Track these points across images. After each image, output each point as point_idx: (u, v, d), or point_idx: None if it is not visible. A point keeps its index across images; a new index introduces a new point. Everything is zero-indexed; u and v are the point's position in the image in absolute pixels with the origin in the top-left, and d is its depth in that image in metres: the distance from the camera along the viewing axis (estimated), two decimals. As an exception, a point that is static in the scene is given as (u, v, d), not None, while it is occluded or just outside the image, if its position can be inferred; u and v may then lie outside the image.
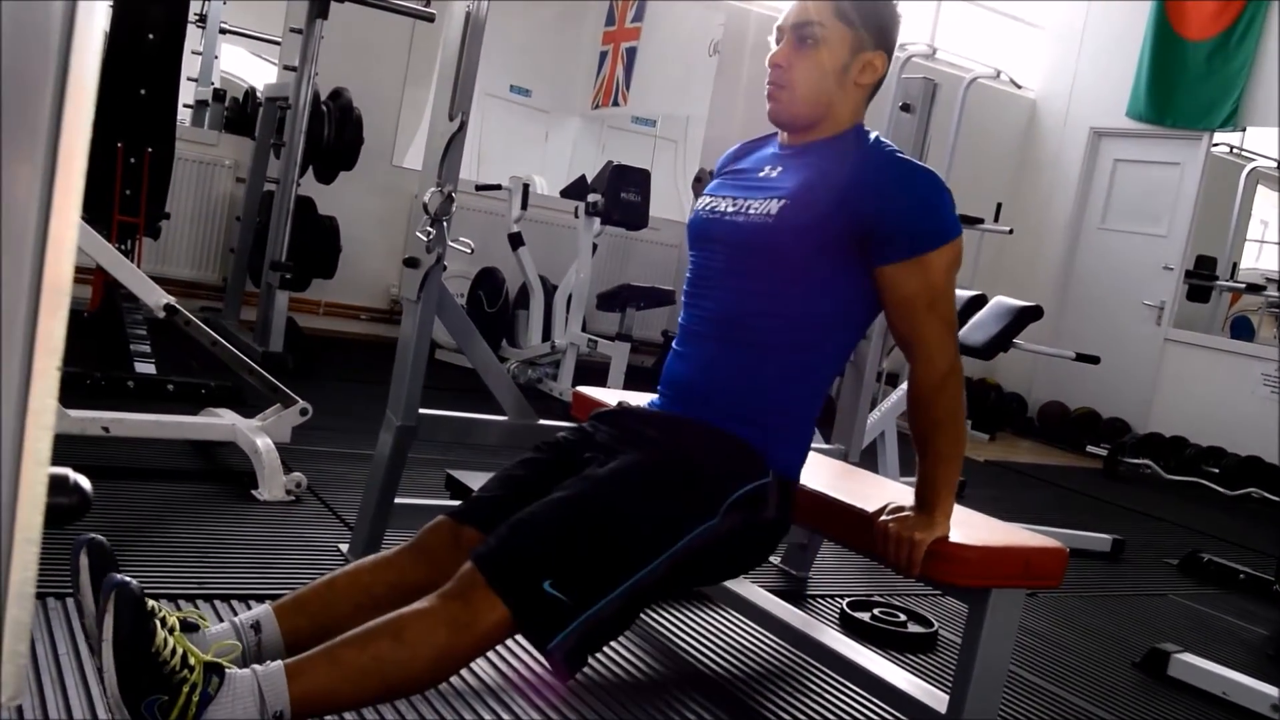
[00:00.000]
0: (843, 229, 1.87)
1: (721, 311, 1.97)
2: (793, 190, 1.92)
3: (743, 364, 1.94)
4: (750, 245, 1.93)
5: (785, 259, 1.91)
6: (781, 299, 1.92)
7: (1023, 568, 1.94)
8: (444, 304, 2.82)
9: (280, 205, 5.36)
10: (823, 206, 1.88)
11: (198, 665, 1.58)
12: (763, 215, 1.92)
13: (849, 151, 1.95)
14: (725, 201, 2.02)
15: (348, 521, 3.09)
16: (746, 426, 1.91)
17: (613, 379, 5.50)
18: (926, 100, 3.51)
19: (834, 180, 1.90)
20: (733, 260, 1.96)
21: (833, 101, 1.97)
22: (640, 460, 1.84)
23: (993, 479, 6.00)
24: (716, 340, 1.97)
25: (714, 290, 2.00)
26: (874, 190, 1.87)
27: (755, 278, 1.94)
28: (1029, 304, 4.94)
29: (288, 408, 3.50)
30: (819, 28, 1.95)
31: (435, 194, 2.68)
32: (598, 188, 6.03)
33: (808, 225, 1.88)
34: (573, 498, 1.77)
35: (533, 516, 1.74)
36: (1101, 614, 3.72)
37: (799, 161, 1.98)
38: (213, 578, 2.54)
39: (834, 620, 3.09)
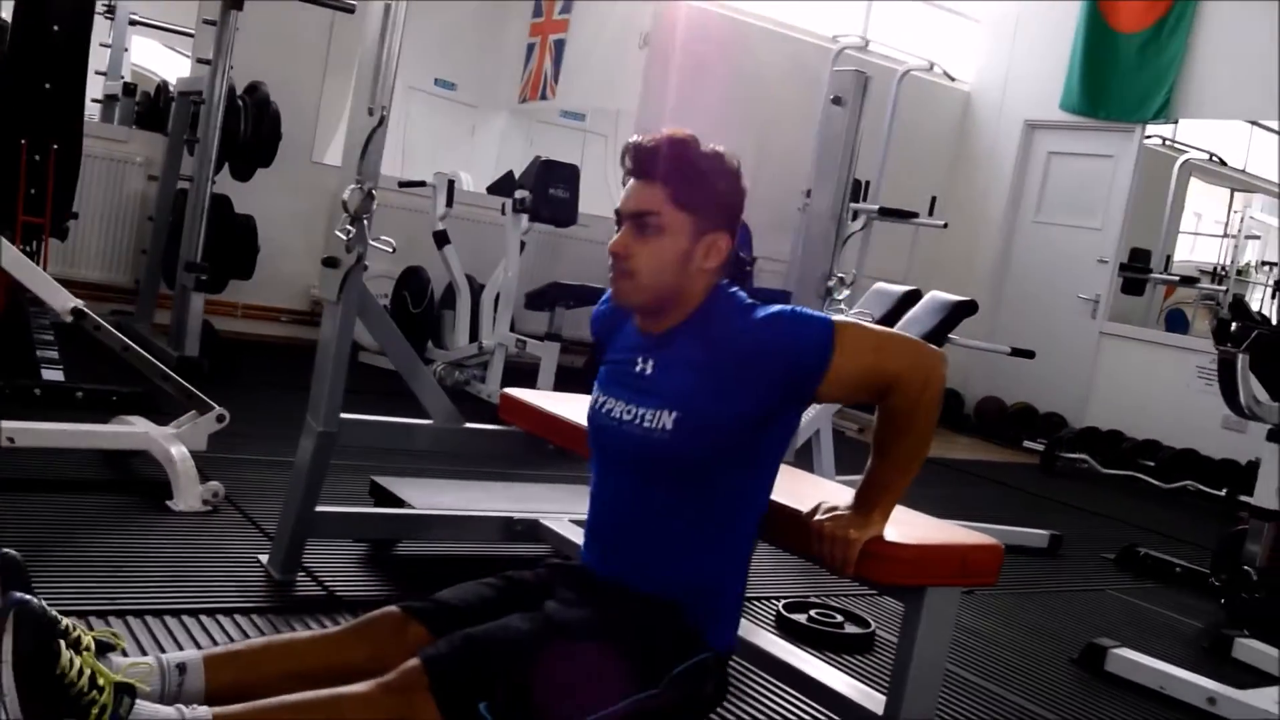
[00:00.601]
0: (742, 412, 1.87)
1: (639, 518, 1.97)
2: (679, 399, 1.90)
3: (673, 560, 1.94)
4: (650, 460, 1.93)
5: (692, 468, 1.91)
6: (699, 498, 1.92)
7: (959, 565, 1.97)
8: (366, 305, 2.80)
9: (195, 204, 5.28)
10: (715, 414, 1.87)
11: (107, 686, 1.56)
12: (658, 429, 1.90)
13: (708, 332, 1.93)
14: (617, 406, 1.99)
15: (268, 532, 3.06)
16: (690, 603, 1.92)
17: (542, 380, 5.49)
18: (858, 93, 3.55)
19: (712, 377, 1.88)
20: (638, 470, 1.96)
21: (679, 288, 1.94)
22: (596, 618, 1.86)
23: (929, 476, 6.02)
24: (641, 542, 1.98)
25: (626, 497, 2.00)
26: (752, 360, 1.85)
27: (661, 484, 1.94)
28: (964, 299, 5.00)
29: (203, 414, 3.46)
30: (656, 216, 1.90)
31: (355, 191, 2.66)
32: (525, 184, 6.01)
33: (707, 438, 1.88)
34: (531, 632, 1.78)
35: (488, 636, 1.76)
36: (1039, 610, 3.78)
37: (667, 355, 1.96)
38: (126, 593, 2.49)
39: (770, 623, 3.11)
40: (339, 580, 2.84)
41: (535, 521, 3.11)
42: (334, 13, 6.11)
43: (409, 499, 3.24)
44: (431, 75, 8.42)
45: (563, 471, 3.84)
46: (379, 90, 2.66)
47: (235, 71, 5.33)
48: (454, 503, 3.28)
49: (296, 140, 6.26)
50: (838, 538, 1.87)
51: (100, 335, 3.44)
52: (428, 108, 8.44)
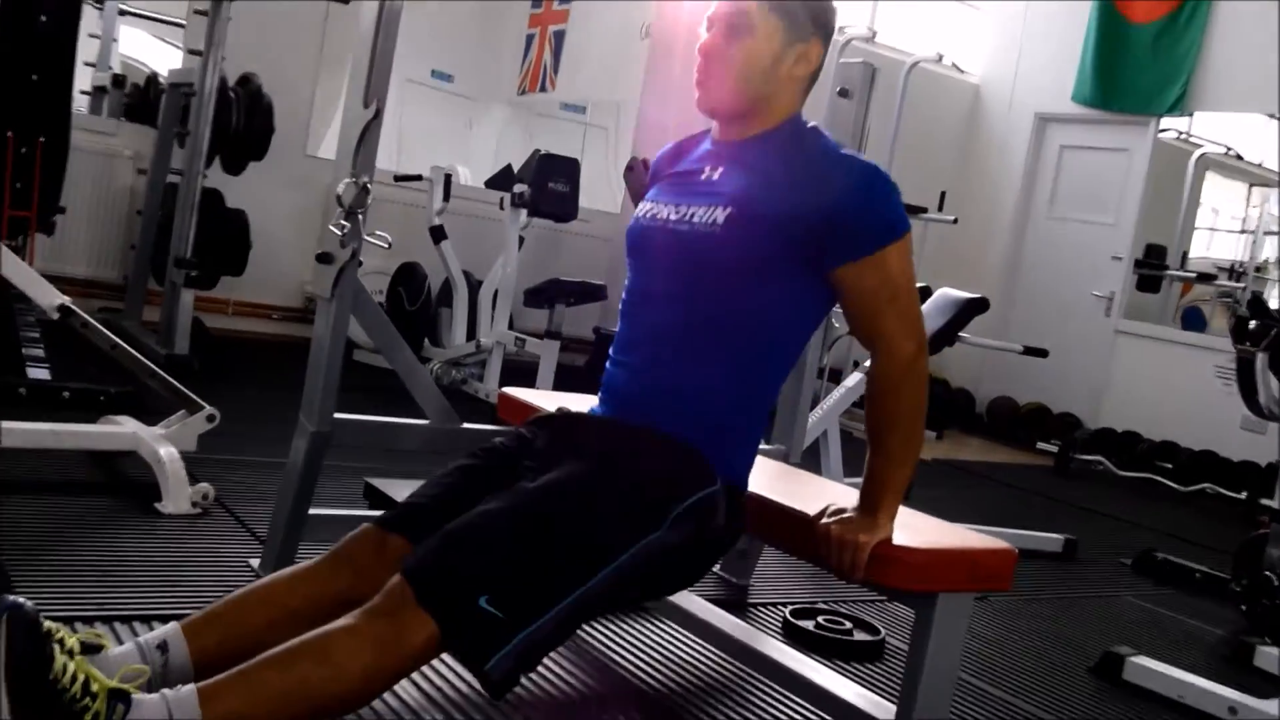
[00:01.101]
0: (792, 235, 1.87)
1: (665, 322, 1.97)
2: (737, 196, 1.91)
3: (689, 371, 1.93)
4: (695, 257, 1.93)
5: (733, 270, 1.91)
6: (728, 309, 1.92)
7: (971, 570, 1.96)
8: (360, 302, 2.79)
9: (185, 198, 5.27)
10: (769, 214, 1.88)
11: (101, 693, 1.54)
12: (707, 225, 1.91)
13: (789, 149, 1.95)
14: (667, 208, 2.00)
15: (259, 535, 3.05)
16: (693, 432, 1.90)
17: (542, 379, 5.48)
18: (866, 85, 3.53)
19: (778, 184, 1.90)
20: (676, 271, 1.96)
21: (766, 94, 1.97)
22: (582, 469, 1.83)
23: (940, 478, 6.06)
24: (660, 348, 1.97)
25: (656, 302, 1.99)
26: (822, 192, 1.87)
27: (701, 289, 1.94)
28: (975, 296, 4.99)
29: (193, 414, 3.45)
30: (751, 16, 1.95)
31: (350, 185, 2.65)
32: (524, 178, 6.00)
33: (755, 235, 1.88)
34: (510, 508, 1.75)
35: (467, 527, 1.72)
36: (1054, 617, 3.76)
37: (738, 160, 1.98)
38: (114, 598, 2.48)
39: (777, 630, 3.10)
40: (332, 585, 2.83)
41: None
42: (329, 3, 6.10)
43: (404, 501, 3.22)
44: (428, 67, 8.41)
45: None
46: (374, 82, 2.65)
47: (227, 63, 5.32)
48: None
49: (290, 133, 6.26)
50: (846, 541, 1.86)
51: (87, 333, 3.43)
52: (424, 100, 8.43)
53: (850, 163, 1.92)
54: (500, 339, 5.83)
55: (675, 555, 1.84)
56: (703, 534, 1.88)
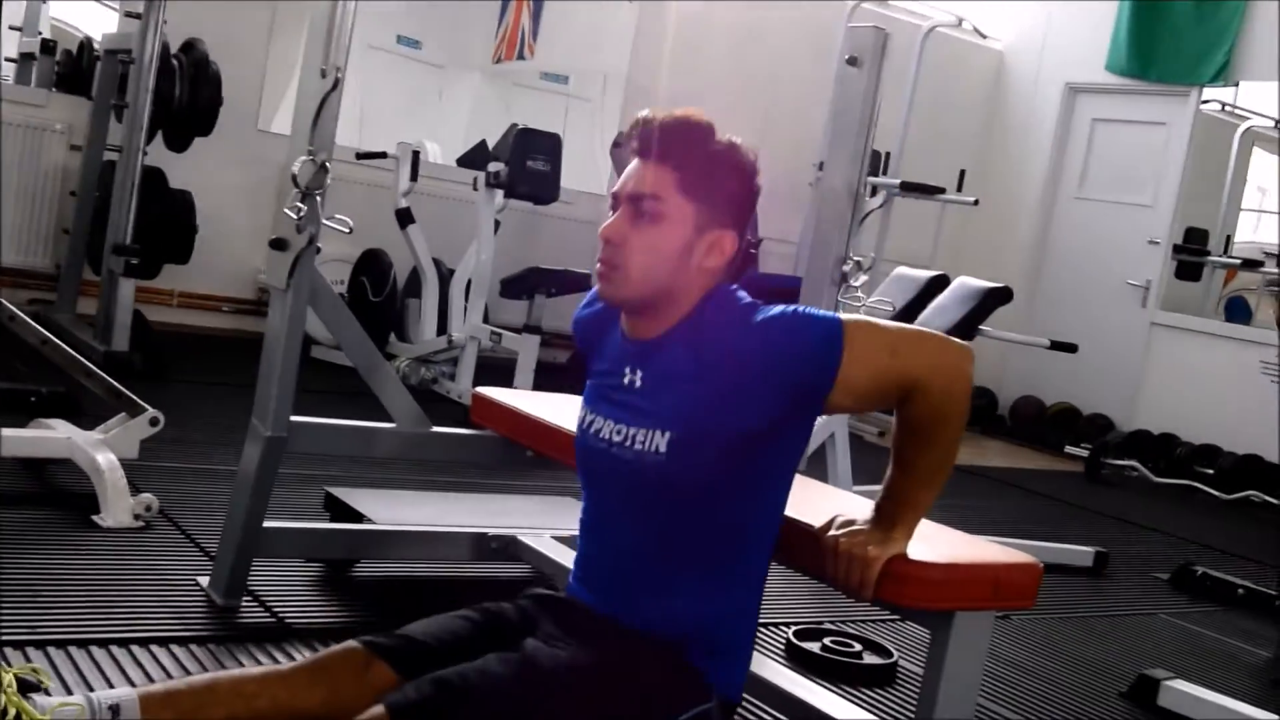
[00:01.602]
0: (744, 428, 1.86)
1: (632, 547, 1.97)
2: (672, 416, 1.89)
3: (671, 590, 1.94)
4: (649, 485, 1.92)
5: (692, 494, 1.91)
6: (698, 526, 1.92)
7: (992, 587, 1.97)
8: (319, 293, 2.79)
9: (124, 178, 5.26)
10: (712, 429, 1.87)
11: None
12: (652, 453, 1.89)
13: (700, 340, 1.92)
14: (606, 426, 1.98)
15: (208, 550, 3.05)
16: (688, 645, 1.92)
17: (520, 378, 5.48)
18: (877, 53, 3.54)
19: (705, 390, 1.88)
20: (631, 498, 1.96)
21: (672, 287, 1.93)
22: (585, 660, 1.85)
23: (958, 486, 6.03)
24: (634, 571, 1.98)
25: (618, 526, 2.00)
26: (752, 371, 1.85)
27: (660, 512, 1.94)
28: (996, 285, 5.01)
29: (134, 417, 3.45)
30: (657, 202, 1.90)
31: (306, 164, 2.66)
32: (500, 155, 6.00)
33: (705, 456, 1.87)
34: (510, 676, 1.78)
35: (462, 679, 1.75)
36: (1083, 637, 3.78)
37: (654, 364, 1.95)
38: (48, 620, 2.48)
39: (779, 652, 3.11)
40: (289, 605, 2.84)
41: (512, 538, 3.10)
42: (282, -39, 6.10)
43: (369, 513, 3.23)
44: (393, 32, 8.39)
45: (543, 481, 3.84)
46: (333, 49, 2.66)
47: (169, 27, 5.31)
48: (420, 517, 3.28)
49: (239, 106, 6.24)
50: (855, 556, 1.87)
51: (15, 327, 3.43)
52: (389, 69, 8.42)
53: (767, 324, 1.88)
54: (474, 334, 5.83)
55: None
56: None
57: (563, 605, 2.05)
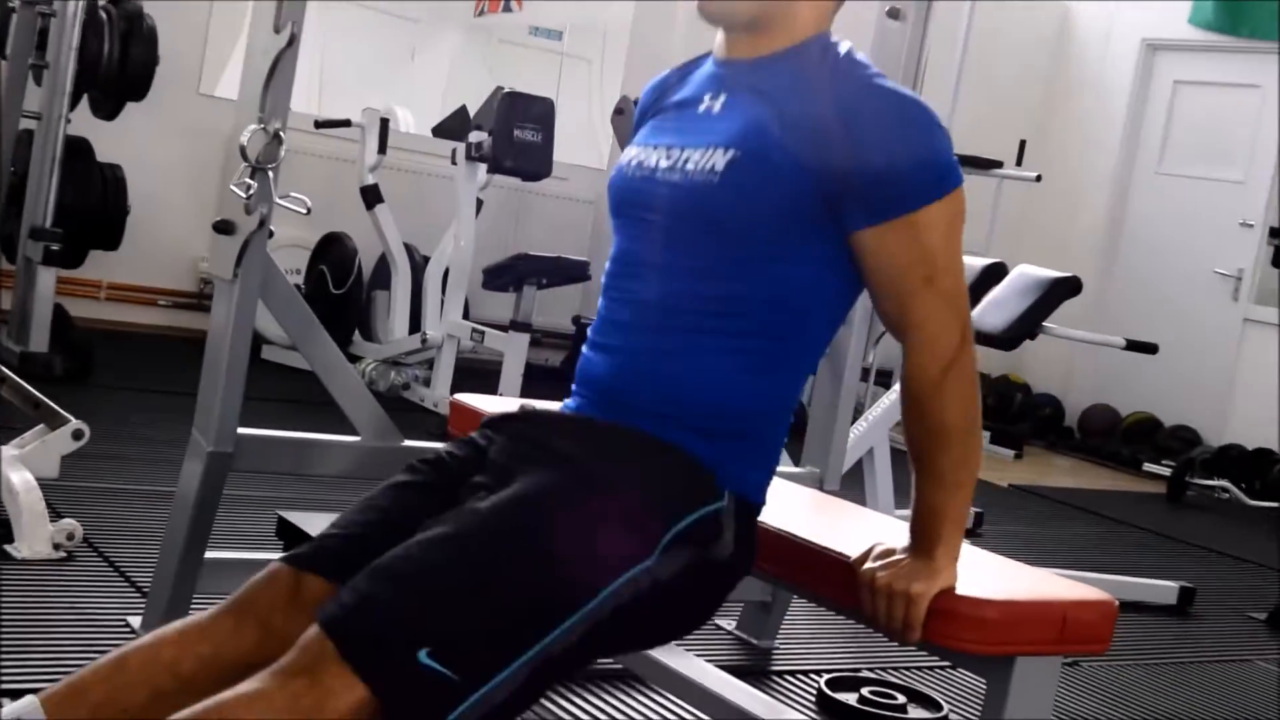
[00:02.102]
0: (808, 186, 1.88)
1: (656, 296, 1.97)
2: (742, 135, 1.92)
3: (687, 358, 1.94)
4: (690, 213, 1.93)
5: (737, 232, 1.91)
6: (733, 279, 1.93)
7: (1058, 628, 1.96)
8: (271, 284, 2.79)
9: (43, 150, 5.27)
10: (780, 158, 1.88)
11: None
12: (705, 173, 1.91)
13: (812, 73, 1.95)
14: (656, 153, 2.01)
15: (140, 585, 3.05)
16: (693, 436, 1.91)
17: (506, 382, 5.48)
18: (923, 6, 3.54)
19: (794, 118, 1.90)
20: (668, 232, 1.96)
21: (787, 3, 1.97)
22: (547, 482, 1.83)
23: (1019, 509, 6.07)
24: (651, 330, 1.97)
25: (645, 271, 2.00)
26: (846, 131, 1.87)
27: (698, 254, 1.94)
28: (1063, 275, 5.00)
29: (55, 430, 3.44)
30: None
31: (257, 133, 2.66)
32: (483, 123, 6.00)
33: (762, 186, 1.88)
34: (455, 535, 1.75)
35: (401, 561, 1.72)
36: (1165, 688, 3.78)
37: (748, 87, 1.98)
38: (-48, 666, 2.49)
39: (809, 704, 3.11)
40: (236, 649, 2.83)
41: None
42: (228, -103, 6.11)
43: (328, 541, 3.23)
44: (358, -20, 8.42)
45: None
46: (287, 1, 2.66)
47: (97, -25, 5.32)
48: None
49: (178, 66, 6.25)
50: (897, 592, 1.86)
51: (-82, 325, 3.43)
52: (354, 23, 8.43)
53: (885, 95, 1.92)
54: (452, 331, 5.83)
55: (669, 592, 1.83)
56: (704, 564, 1.88)
57: (523, 420, 2.04)
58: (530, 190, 6.97)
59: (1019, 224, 8.80)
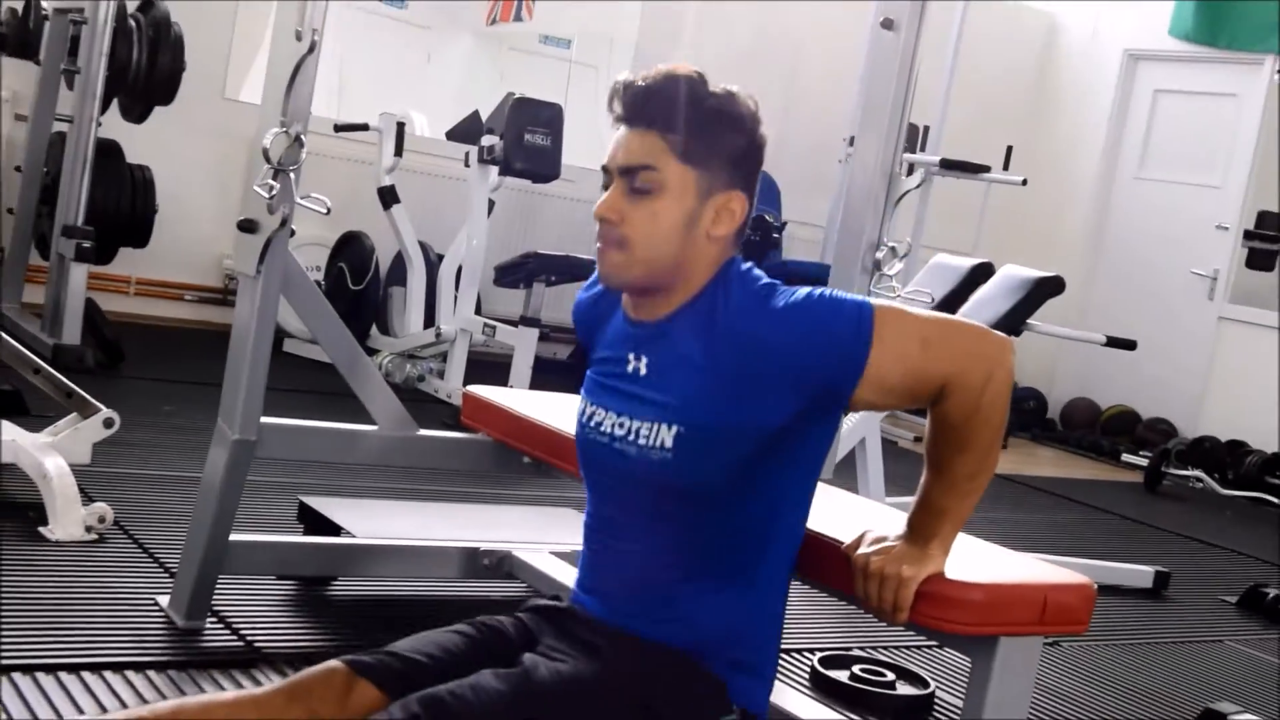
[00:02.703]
0: (760, 424, 1.87)
1: (642, 553, 1.98)
2: (680, 408, 1.90)
3: (686, 596, 1.95)
4: (651, 485, 1.93)
5: (697, 492, 1.91)
6: (708, 534, 1.93)
7: (1040, 610, 1.97)
8: (292, 280, 2.79)
9: (75, 151, 5.27)
10: (720, 420, 1.87)
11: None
12: (658, 449, 1.89)
13: (717, 323, 1.92)
14: (608, 419, 1.99)
15: (169, 566, 3.05)
16: (707, 652, 1.92)
17: (516, 375, 5.48)
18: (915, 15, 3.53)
19: (719, 379, 1.88)
20: (634, 499, 1.97)
21: (681, 262, 1.93)
22: (590, 674, 1.86)
23: (1003, 497, 6.07)
24: (646, 576, 1.98)
25: (625, 531, 2.01)
26: (773, 360, 1.85)
27: (665, 516, 1.94)
28: (1047, 274, 5.00)
29: (87, 418, 3.45)
30: (653, 172, 1.89)
31: (279, 136, 2.66)
32: (495, 128, 6.00)
33: (711, 450, 1.87)
34: (507, 691, 1.78)
35: (455, 698, 1.75)
36: (1141, 666, 3.78)
37: (664, 350, 1.95)
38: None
39: (803, 681, 3.11)
40: (258, 628, 2.84)
41: (507, 554, 3.11)
42: (252, -89, 6.10)
43: (347, 525, 3.23)
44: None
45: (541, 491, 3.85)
46: (309, 8, 2.66)
47: (127, -15, 5.32)
48: (404, 530, 3.28)
49: (204, 72, 6.25)
50: (888, 576, 1.87)
51: (-43, 318, 3.44)
52: (371, 31, 8.42)
53: (775, 312, 1.88)
54: (465, 326, 5.83)
55: None
56: None
57: (565, 615, 2.05)
58: (540, 192, 6.97)
59: (1005, 226, 8.79)
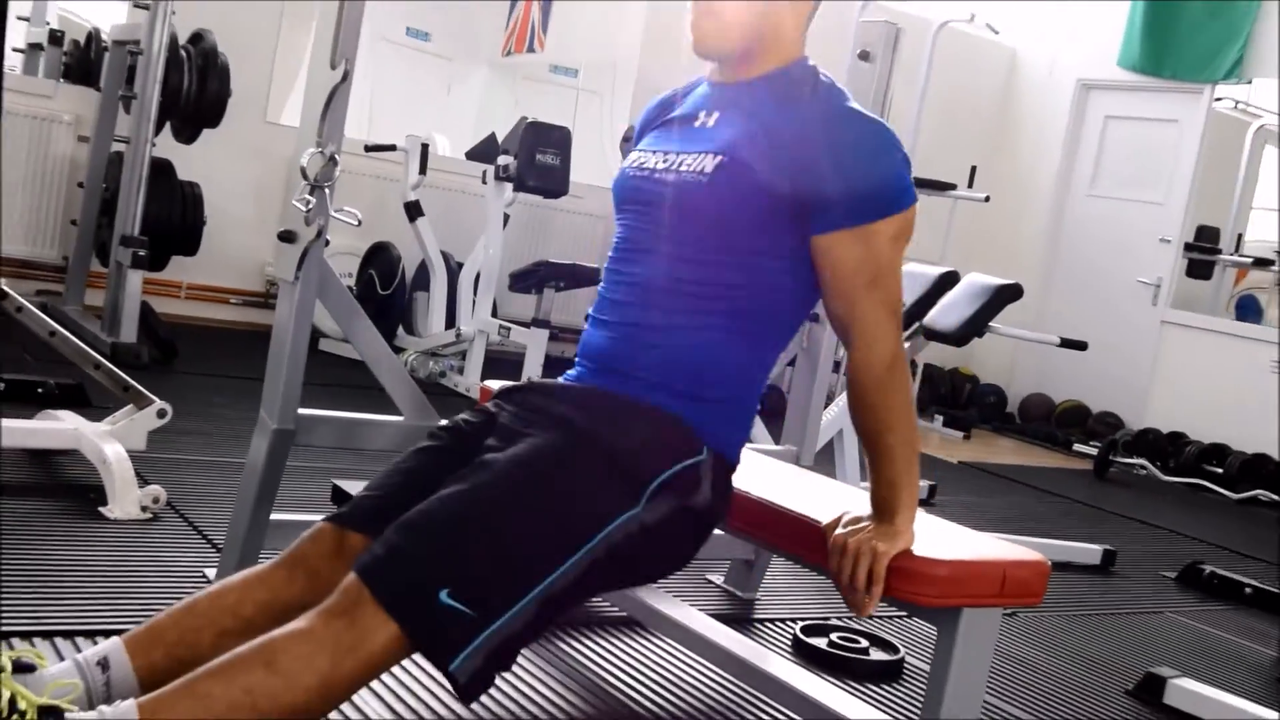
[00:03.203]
0: (783, 192, 1.89)
1: (649, 278, 1.99)
2: (730, 144, 1.93)
3: (674, 331, 1.95)
4: (682, 207, 1.95)
5: (721, 223, 1.93)
6: (718, 265, 1.94)
7: (999, 584, 1.97)
8: (327, 285, 2.79)
9: (132, 169, 5.27)
10: (762, 165, 1.90)
11: (29, 709, 1.56)
12: (695, 174, 1.93)
13: (794, 94, 1.96)
14: (656, 156, 2.03)
15: (215, 542, 3.06)
16: (678, 399, 1.92)
17: (529, 372, 5.48)
18: (889, 48, 3.54)
19: (776, 131, 1.92)
20: (662, 224, 1.98)
21: (769, 24, 1.98)
22: (548, 442, 1.84)
23: (967, 483, 6.08)
24: (644, 307, 1.99)
25: (641, 256, 2.02)
26: (821, 148, 1.88)
27: (688, 243, 1.96)
28: (1007, 282, 5.00)
29: (142, 409, 3.45)
30: None
31: (315, 156, 2.66)
32: (510, 148, 6.01)
33: (745, 186, 1.90)
34: (469, 490, 1.76)
35: (424, 515, 1.73)
36: (1090, 635, 3.78)
37: (737, 104, 2.00)
38: (54, 612, 2.49)
39: (786, 648, 3.12)
40: (296, 598, 2.84)
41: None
42: (292, -48, 6.10)
43: (376, 506, 3.23)
44: (403, 24, 8.40)
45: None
46: (342, 41, 2.66)
47: (178, 18, 5.32)
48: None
49: (248, 97, 6.25)
50: (864, 553, 1.87)
51: (23, 318, 3.44)
52: (398, 61, 8.42)
53: (858, 119, 1.93)
54: (482, 327, 5.83)
55: (655, 534, 1.84)
56: (684, 511, 1.88)
57: (525, 391, 2.05)
58: (550, 206, 6.97)
59: (970, 238, 8.78)
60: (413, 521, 1.73)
